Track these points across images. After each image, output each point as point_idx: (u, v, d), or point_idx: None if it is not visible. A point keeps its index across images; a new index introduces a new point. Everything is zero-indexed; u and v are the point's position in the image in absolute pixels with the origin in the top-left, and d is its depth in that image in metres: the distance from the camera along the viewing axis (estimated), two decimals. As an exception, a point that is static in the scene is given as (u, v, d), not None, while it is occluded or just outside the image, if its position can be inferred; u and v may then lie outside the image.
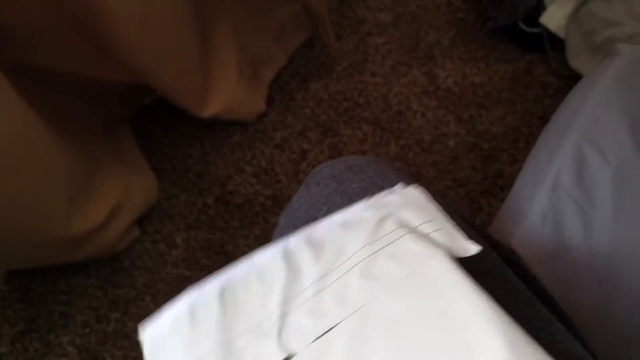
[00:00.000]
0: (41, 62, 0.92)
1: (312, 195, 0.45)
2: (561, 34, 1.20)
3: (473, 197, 1.10)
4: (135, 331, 1.07)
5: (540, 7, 1.21)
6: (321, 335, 0.33)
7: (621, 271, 0.48)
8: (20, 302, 1.12)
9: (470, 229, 0.41)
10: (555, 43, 1.24)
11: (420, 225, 0.36)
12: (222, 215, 1.17)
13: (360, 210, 0.39)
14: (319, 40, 1.37)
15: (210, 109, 1.12)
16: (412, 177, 1.13)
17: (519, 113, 1.19)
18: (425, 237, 0.35)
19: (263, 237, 1.14)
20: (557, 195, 0.50)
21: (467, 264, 0.34)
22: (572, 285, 0.47)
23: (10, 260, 1.02)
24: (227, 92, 1.15)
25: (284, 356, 0.33)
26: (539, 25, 1.22)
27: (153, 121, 1.30)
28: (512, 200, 0.55)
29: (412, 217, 0.37)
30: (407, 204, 0.38)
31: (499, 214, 0.55)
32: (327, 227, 0.38)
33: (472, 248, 0.35)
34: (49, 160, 0.87)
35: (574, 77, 1.21)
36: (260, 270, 0.37)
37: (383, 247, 0.35)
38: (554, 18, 1.21)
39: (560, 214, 0.49)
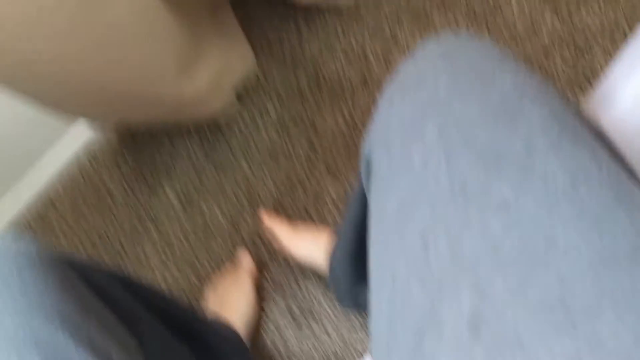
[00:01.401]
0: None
1: (419, 69, 0.46)
2: None
3: (560, 91, 1.11)
4: (231, 190, 1.20)
5: None
6: None
7: None
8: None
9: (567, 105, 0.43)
10: None
11: None
12: (314, 92, 1.24)
13: None
14: None
15: (308, -4, 1.18)
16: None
17: (620, 8, 1.16)
18: None
19: (349, 116, 1.21)
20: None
21: None
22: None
23: (125, 115, 1.16)
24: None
25: None
26: None
27: (254, 4, 1.37)
28: (604, 85, 0.57)
29: None
30: None
31: (589, 97, 0.58)
32: None
33: None
34: (162, 28, 0.97)
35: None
36: None
37: None
38: None
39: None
